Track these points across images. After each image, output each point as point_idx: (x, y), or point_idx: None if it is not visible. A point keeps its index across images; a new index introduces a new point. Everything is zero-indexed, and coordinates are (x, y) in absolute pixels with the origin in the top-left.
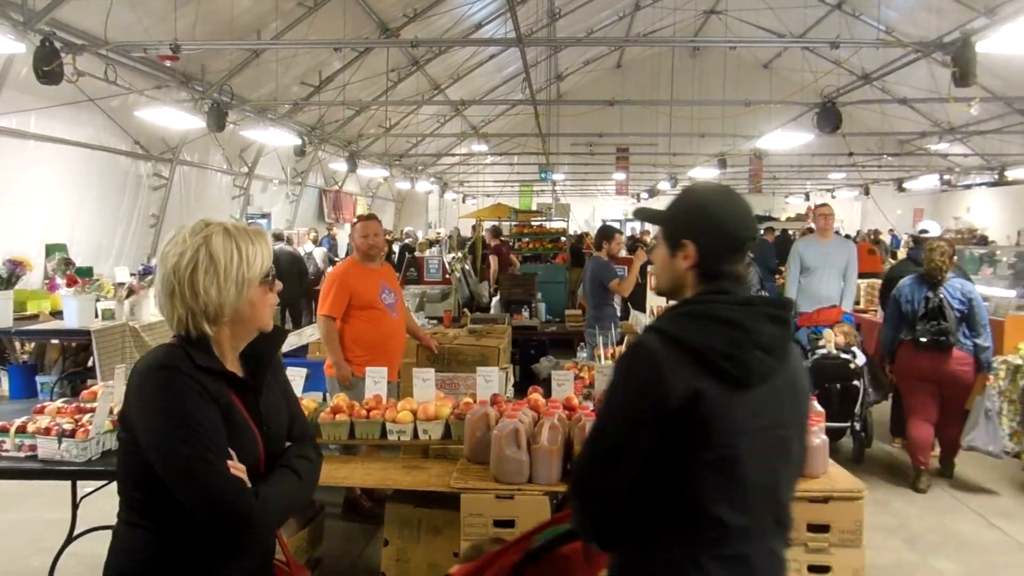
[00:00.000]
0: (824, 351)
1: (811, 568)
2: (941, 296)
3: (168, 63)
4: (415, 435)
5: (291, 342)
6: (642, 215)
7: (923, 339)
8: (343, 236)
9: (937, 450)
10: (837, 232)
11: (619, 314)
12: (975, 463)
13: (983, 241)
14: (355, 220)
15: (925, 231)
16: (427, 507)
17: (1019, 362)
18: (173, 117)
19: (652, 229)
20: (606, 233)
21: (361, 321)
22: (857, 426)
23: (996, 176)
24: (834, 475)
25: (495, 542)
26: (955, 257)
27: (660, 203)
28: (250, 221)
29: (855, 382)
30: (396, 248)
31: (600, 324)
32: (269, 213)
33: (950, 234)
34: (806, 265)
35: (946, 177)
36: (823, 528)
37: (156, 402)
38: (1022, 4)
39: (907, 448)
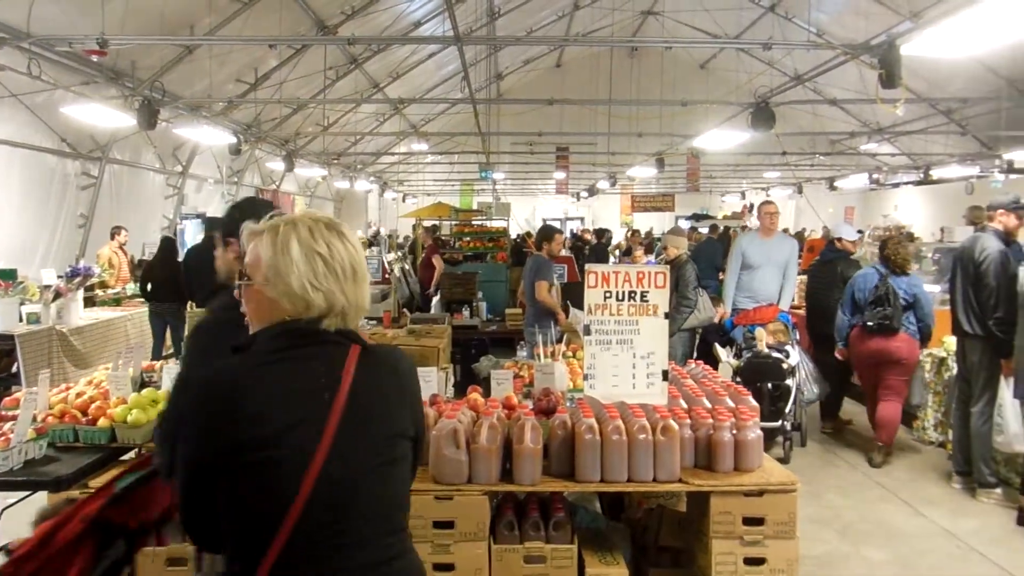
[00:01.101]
0: (756, 350)
1: (747, 560)
2: (889, 285)
3: (95, 58)
4: None
5: None
6: None
7: (870, 323)
8: None
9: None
10: (785, 229)
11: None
12: (903, 455)
13: (910, 238)
14: None
15: (839, 238)
16: None
17: (944, 355)
18: (102, 114)
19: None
20: (546, 234)
21: None
22: (788, 425)
23: (922, 175)
24: (768, 469)
25: (70, 502)
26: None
27: (600, 202)
28: (184, 219)
29: (787, 381)
30: None
31: (539, 323)
32: (204, 213)
33: (879, 232)
34: (748, 263)
35: (875, 176)
36: (758, 521)
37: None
38: (945, 8)
39: (874, 427)
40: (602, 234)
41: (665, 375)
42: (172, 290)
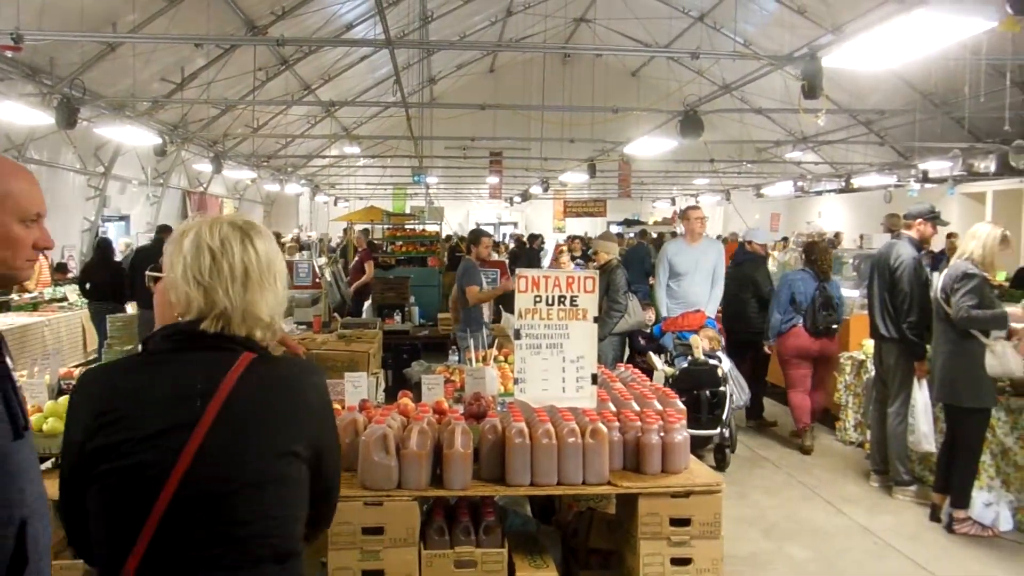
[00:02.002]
0: (692, 357)
1: (674, 561)
2: (829, 291)
3: (10, 54)
4: None
5: None
6: None
7: (820, 326)
8: None
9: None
10: (707, 235)
11: (489, 317)
12: (825, 455)
13: (833, 244)
14: None
15: (750, 241)
16: None
17: (863, 358)
18: (17, 111)
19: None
20: (474, 237)
21: None
22: (727, 432)
23: (843, 183)
24: (695, 470)
25: None
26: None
27: (533, 207)
28: (105, 222)
29: (722, 388)
30: None
31: (471, 327)
32: (128, 215)
33: (802, 238)
34: (676, 270)
35: (799, 184)
36: (685, 522)
37: (331, 405)
38: (864, 23)
39: (791, 414)
40: (534, 239)
41: (595, 379)
42: (111, 289)
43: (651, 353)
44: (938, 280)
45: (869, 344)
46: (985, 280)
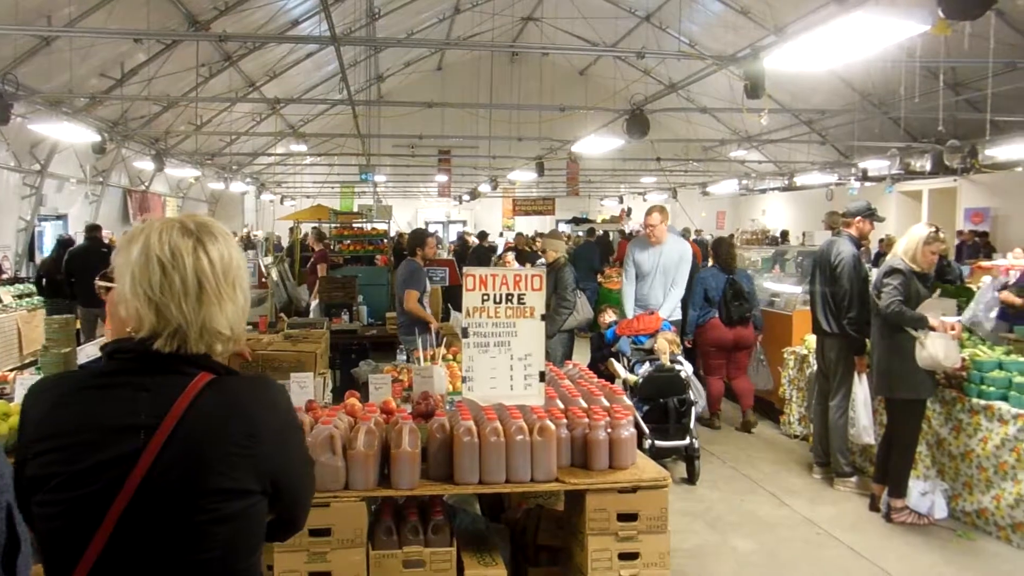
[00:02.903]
0: (658, 362)
1: (621, 556)
2: (739, 283)
3: None
4: None
5: (90, 354)
6: None
7: (734, 316)
8: None
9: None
10: (676, 235)
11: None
12: (770, 448)
13: (775, 242)
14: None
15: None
16: None
17: (805, 352)
18: None
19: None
20: (418, 238)
21: None
22: (696, 443)
23: (787, 181)
24: (641, 465)
25: None
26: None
27: (482, 205)
28: (42, 221)
29: (686, 394)
30: None
31: (418, 326)
32: (66, 215)
33: (747, 235)
34: (641, 271)
35: (744, 182)
36: (632, 517)
37: (296, 424)
38: (805, 24)
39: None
40: (484, 236)
41: (542, 376)
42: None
43: (612, 360)
44: (874, 277)
45: (811, 339)
46: (914, 276)
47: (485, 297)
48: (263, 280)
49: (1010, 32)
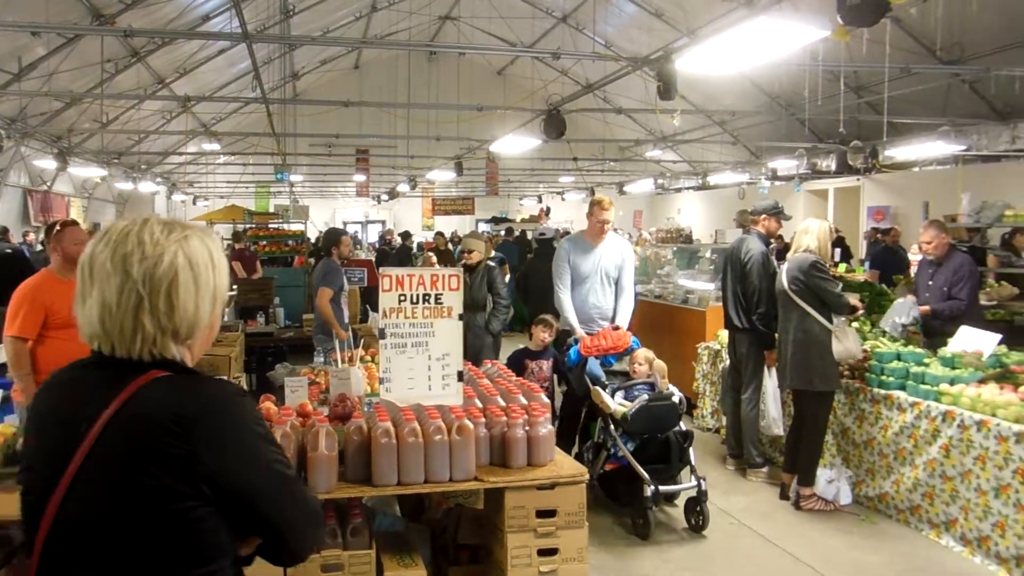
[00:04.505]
0: (651, 391)
1: (540, 552)
2: None
3: None
4: None
5: None
6: None
7: None
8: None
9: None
10: (613, 231)
11: (348, 318)
12: None
13: (688, 240)
14: (56, 226)
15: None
16: None
17: (718, 348)
18: None
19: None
20: (334, 237)
21: (59, 341)
22: (703, 485)
23: (700, 181)
24: (559, 462)
25: None
26: None
27: (401, 205)
28: None
29: (682, 425)
30: None
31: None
32: None
33: (661, 233)
34: (579, 275)
35: (660, 181)
36: (550, 513)
37: (254, 431)
38: (715, 27)
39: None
40: (407, 236)
41: (460, 376)
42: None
43: (597, 389)
44: (782, 272)
45: (724, 334)
46: None
47: (402, 298)
48: None
49: (906, 38)
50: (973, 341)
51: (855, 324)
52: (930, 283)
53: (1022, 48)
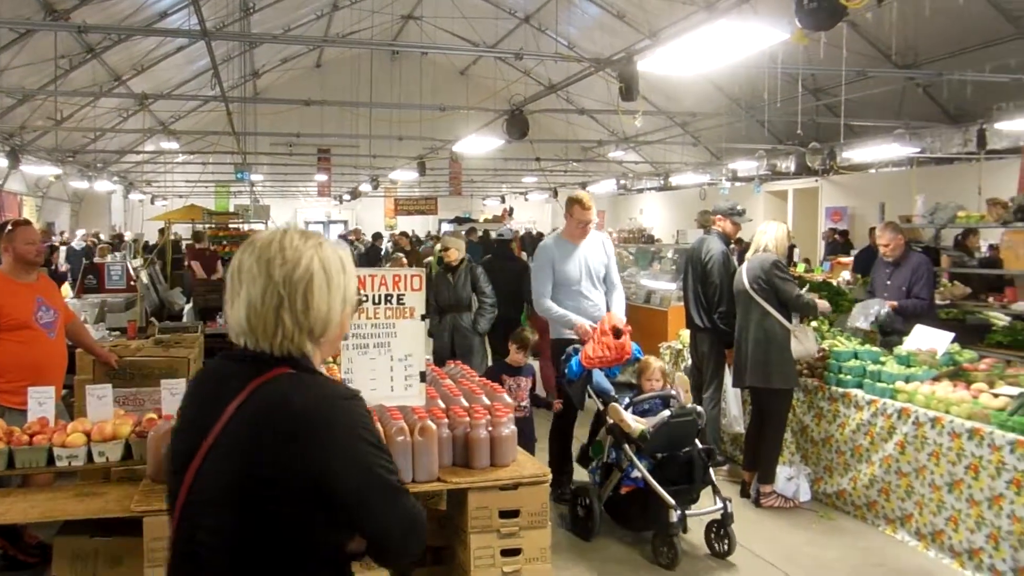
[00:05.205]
0: (663, 405)
1: (503, 552)
2: None
3: None
4: (90, 458)
5: None
6: None
7: None
8: None
9: None
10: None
11: None
12: None
13: (651, 240)
14: (7, 226)
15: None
16: (107, 536)
17: (680, 347)
18: None
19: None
20: None
21: (11, 344)
22: (728, 507)
23: (662, 182)
24: (522, 462)
25: None
26: None
27: (364, 205)
28: None
29: (698, 442)
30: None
31: None
32: None
33: (624, 234)
34: (568, 279)
35: (622, 182)
36: (514, 513)
37: (358, 435)
38: (677, 29)
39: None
40: (378, 237)
41: (423, 376)
42: None
43: (615, 406)
44: (742, 272)
45: (685, 334)
46: None
47: (364, 298)
48: (132, 283)
49: (862, 43)
50: (927, 340)
51: (813, 323)
52: (888, 283)
53: (974, 53)
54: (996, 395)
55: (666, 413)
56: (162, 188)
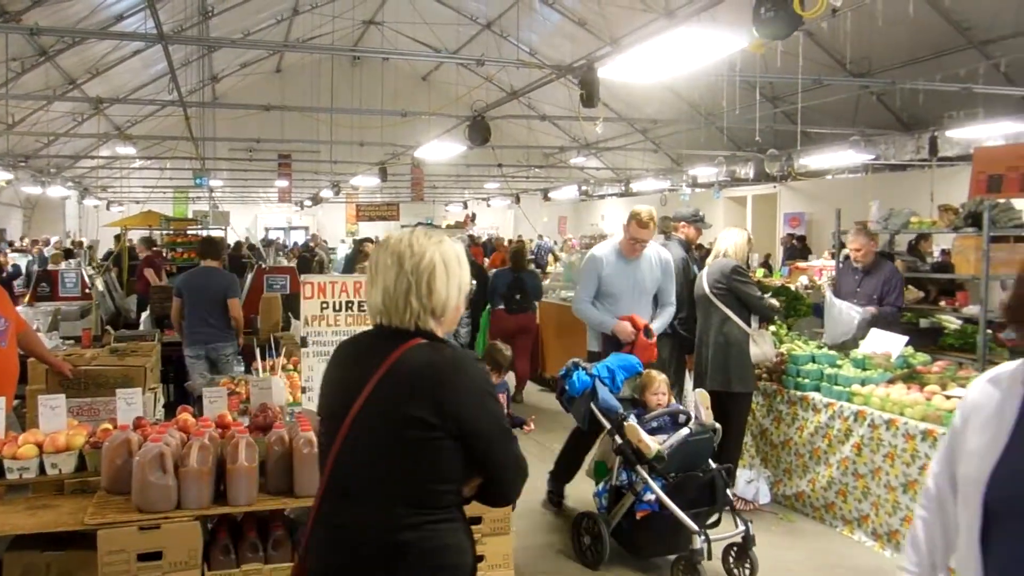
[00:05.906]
0: (673, 424)
1: None
2: (522, 279)
3: None
4: (42, 471)
5: None
6: None
7: (513, 306)
8: None
9: None
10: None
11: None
12: None
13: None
14: None
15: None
16: (59, 550)
17: None
18: None
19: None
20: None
21: None
22: (750, 528)
23: (624, 187)
24: None
25: None
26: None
27: (325, 210)
28: None
29: (711, 462)
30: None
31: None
32: None
33: (586, 239)
34: (610, 290)
35: (584, 188)
36: (475, 520)
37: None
38: (637, 37)
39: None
40: (361, 243)
41: None
42: None
43: (633, 424)
44: (702, 277)
45: None
46: None
47: (324, 305)
48: (87, 291)
49: (818, 51)
50: (882, 343)
51: (772, 328)
52: (858, 289)
53: (925, 63)
54: (948, 397)
55: (685, 431)
56: (118, 194)
